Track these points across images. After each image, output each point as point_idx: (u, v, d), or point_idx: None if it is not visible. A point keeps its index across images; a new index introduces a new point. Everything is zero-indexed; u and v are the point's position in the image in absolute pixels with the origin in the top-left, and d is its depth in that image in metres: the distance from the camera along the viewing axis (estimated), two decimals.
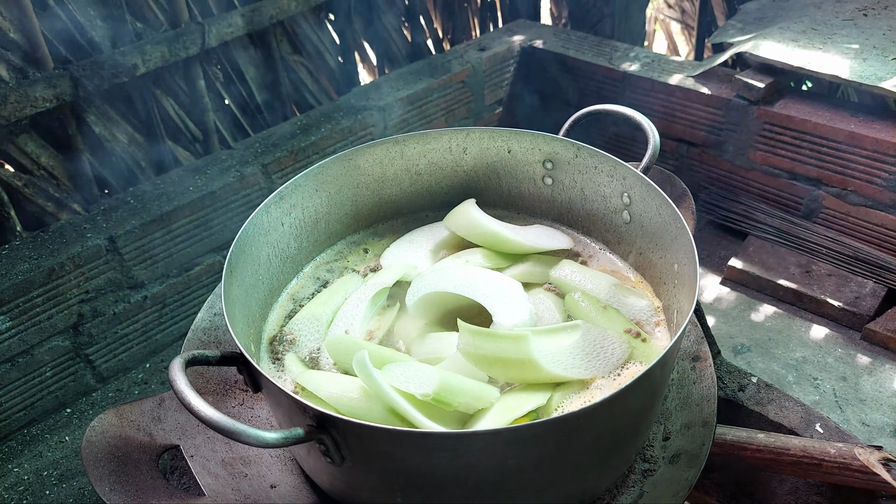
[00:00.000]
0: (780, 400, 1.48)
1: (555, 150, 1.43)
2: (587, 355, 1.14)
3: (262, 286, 1.31)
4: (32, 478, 1.83)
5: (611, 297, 1.30)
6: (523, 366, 1.07)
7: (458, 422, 1.07)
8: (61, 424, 1.97)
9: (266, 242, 1.31)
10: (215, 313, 1.41)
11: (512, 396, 1.07)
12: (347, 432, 0.90)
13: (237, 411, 1.27)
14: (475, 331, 1.09)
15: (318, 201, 1.42)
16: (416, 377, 1.08)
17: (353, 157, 1.44)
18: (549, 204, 1.51)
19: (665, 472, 1.14)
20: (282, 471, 1.20)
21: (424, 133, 1.47)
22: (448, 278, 1.28)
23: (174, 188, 2.10)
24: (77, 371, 1.99)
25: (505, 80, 2.88)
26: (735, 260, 2.27)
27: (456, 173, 1.53)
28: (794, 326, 2.10)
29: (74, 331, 1.94)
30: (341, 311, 1.32)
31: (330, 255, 1.49)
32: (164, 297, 2.09)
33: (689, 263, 1.11)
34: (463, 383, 1.06)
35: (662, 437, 1.21)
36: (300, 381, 1.17)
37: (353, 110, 2.44)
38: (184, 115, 2.46)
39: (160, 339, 2.14)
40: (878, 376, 1.91)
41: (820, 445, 1.33)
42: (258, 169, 2.19)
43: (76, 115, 2.14)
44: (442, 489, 0.96)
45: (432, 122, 2.66)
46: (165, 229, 2.03)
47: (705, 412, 1.20)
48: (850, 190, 2.15)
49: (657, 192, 1.23)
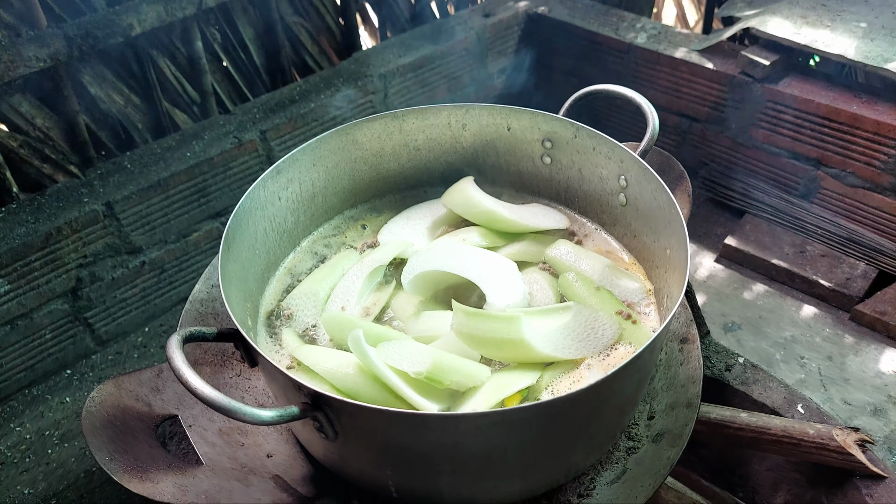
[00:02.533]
0: (764, 380, 1.52)
1: (554, 130, 1.43)
2: (578, 336, 1.16)
3: (260, 261, 1.32)
4: (34, 437, 1.87)
5: (604, 278, 1.31)
6: (515, 346, 1.09)
7: (449, 398, 1.10)
8: (62, 386, 2.00)
9: (263, 217, 1.32)
10: (213, 285, 1.43)
11: (503, 375, 1.09)
12: (340, 411, 0.93)
13: (234, 382, 1.30)
14: (469, 311, 1.11)
15: (316, 175, 1.43)
16: (409, 355, 1.11)
17: (350, 131, 1.44)
18: (546, 183, 1.52)
19: (648, 451, 1.18)
20: (277, 440, 1.23)
21: (423, 108, 1.47)
22: (443, 257, 1.30)
23: (171, 154, 2.10)
24: (76, 334, 2.01)
25: (509, 48, 2.84)
26: (731, 238, 2.28)
27: (455, 149, 1.53)
28: (786, 306, 2.12)
29: (73, 295, 1.96)
30: (338, 288, 1.33)
31: (327, 230, 1.50)
32: (162, 262, 2.10)
33: (680, 249, 1.13)
34: (455, 362, 1.08)
35: (647, 417, 1.24)
36: (297, 355, 1.20)
37: (353, 77, 2.42)
38: (181, 77, 2.43)
39: (159, 303, 2.16)
40: (864, 357, 1.94)
41: (800, 426, 1.37)
42: (256, 136, 2.18)
43: (71, 76, 2.12)
44: (430, 464, 0.99)
45: (434, 91, 2.64)
46: (163, 195, 2.03)
47: (690, 393, 1.23)
48: (849, 171, 2.15)
49: (653, 177, 1.24)
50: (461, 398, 1.09)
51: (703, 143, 2.51)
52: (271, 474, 1.15)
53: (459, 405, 1.08)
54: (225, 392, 1.27)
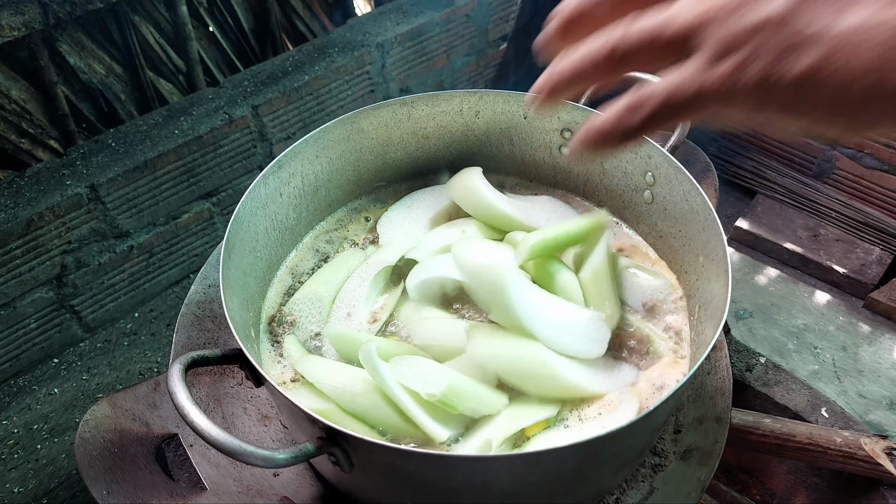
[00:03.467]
0: (786, 382, 1.46)
1: (575, 120, 1.33)
2: (611, 363, 1.09)
3: (261, 263, 1.23)
4: (22, 431, 1.79)
5: (623, 279, 1.24)
6: (538, 370, 1.01)
7: (462, 423, 1.03)
8: (49, 376, 1.92)
9: (264, 216, 1.22)
10: (210, 285, 1.34)
11: (521, 404, 1.02)
12: (359, 447, 0.86)
13: (235, 391, 1.22)
14: (487, 330, 1.03)
15: (319, 168, 1.33)
16: (423, 375, 1.03)
17: (356, 119, 1.33)
18: (564, 175, 1.42)
19: (676, 469, 1.12)
20: None
21: (434, 94, 1.36)
22: (450, 263, 1.22)
23: (158, 131, 1.97)
24: (63, 322, 1.92)
25: (511, 14, 2.71)
26: (742, 220, 2.21)
27: (466, 137, 1.43)
28: (798, 292, 2.07)
29: (58, 282, 1.86)
30: (343, 292, 1.25)
31: (330, 224, 1.41)
32: (151, 246, 2.00)
33: (717, 263, 1.05)
34: (471, 388, 1.01)
35: (673, 430, 1.18)
36: (299, 368, 1.12)
37: (349, 46, 2.29)
38: (165, 43, 2.29)
39: (148, 288, 2.07)
40: (878, 347, 1.90)
41: (826, 433, 1.32)
42: (248, 111, 2.06)
43: (48, 45, 1.98)
44: (455, 498, 0.93)
45: (433, 59, 2.51)
46: (151, 176, 1.91)
47: (719, 407, 1.18)
48: (867, 153, 2.08)
49: (686, 177, 1.15)
50: (474, 425, 1.02)
51: None
52: (279, 496, 1.08)
53: (473, 432, 1.01)
54: (226, 404, 1.21)
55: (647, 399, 1.06)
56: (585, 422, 1.02)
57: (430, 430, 0.99)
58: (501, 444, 0.97)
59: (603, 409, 1.03)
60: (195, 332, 1.26)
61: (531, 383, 1.02)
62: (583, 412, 1.03)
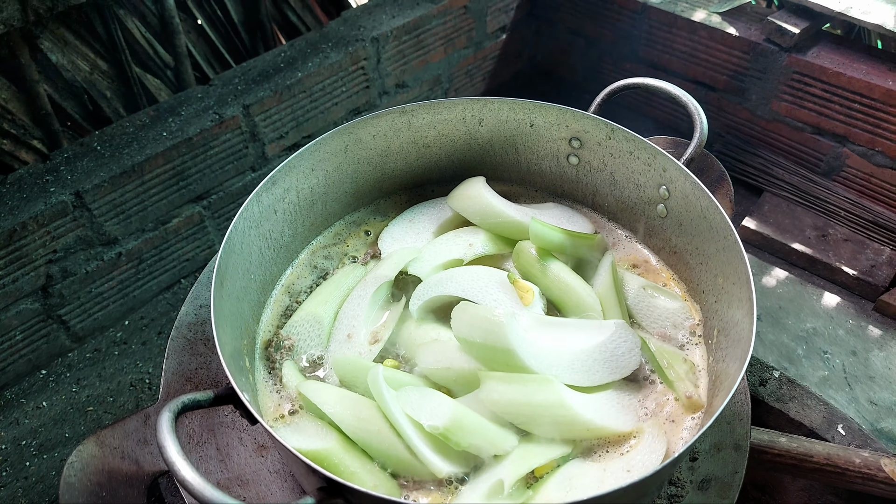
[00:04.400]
0: (801, 398, 1.42)
1: (584, 129, 1.26)
2: (627, 400, 1.04)
3: (255, 285, 1.17)
4: (10, 447, 1.73)
5: (639, 300, 1.18)
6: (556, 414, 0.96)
7: (466, 462, 0.98)
8: (37, 388, 1.85)
9: (258, 235, 1.16)
10: (201, 305, 1.28)
11: (532, 444, 0.97)
12: (364, 500, 0.80)
13: (230, 421, 1.16)
14: (500, 376, 0.98)
15: (315, 181, 1.26)
16: (428, 406, 0.98)
17: (353, 130, 1.26)
18: (572, 184, 1.36)
19: (694, 500, 1.07)
20: (282, 489, 1.11)
21: (436, 102, 1.29)
22: (455, 282, 1.16)
23: (146, 133, 1.89)
24: (50, 333, 1.85)
25: (510, 5, 2.61)
26: (749, 220, 2.16)
27: (469, 146, 1.37)
28: (806, 294, 2.02)
29: (44, 292, 1.79)
30: (342, 312, 1.19)
31: (327, 239, 1.34)
32: (140, 252, 1.93)
33: (741, 288, 0.99)
34: (478, 423, 0.96)
35: (690, 458, 1.13)
36: (302, 389, 1.06)
37: (343, 41, 2.20)
38: (152, 38, 2.19)
39: (138, 295, 2.00)
40: (889, 351, 1.86)
41: (845, 454, 1.28)
42: (239, 111, 1.98)
43: (29, 42, 1.89)
44: None
45: (430, 54, 2.42)
46: (138, 181, 1.84)
47: (737, 433, 1.13)
48: (878, 150, 2.02)
49: (704, 193, 1.09)
50: (484, 466, 0.97)
51: (719, 113, 2.35)
52: None
53: (482, 472, 0.96)
54: (220, 434, 1.15)
55: (668, 432, 1.00)
56: (605, 458, 0.97)
57: (431, 463, 0.94)
58: (513, 486, 0.92)
59: (624, 444, 0.98)
60: (186, 357, 1.20)
61: (551, 429, 0.96)
62: (600, 446, 0.98)
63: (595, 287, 1.18)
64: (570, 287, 1.14)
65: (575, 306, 1.13)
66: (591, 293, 1.14)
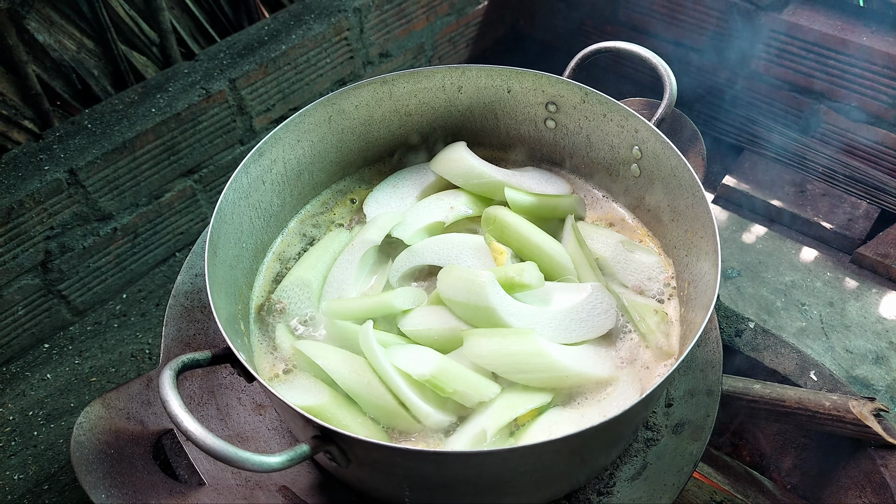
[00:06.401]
0: (775, 346, 1.48)
1: (560, 93, 1.30)
2: (601, 352, 1.10)
3: (247, 253, 1.22)
4: (18, 418, 1.80)
5: (617, 254, 1.24)
6: (536, 363, 1.02)
7: (454, 411, 1.04)
8: (41, 361, 1.91)
9: (248, 205, 1.20)
10: (196, 274, 1.33)
11: (515, 392, 1.03)
12: (354, 445, 0.86)
13: (229, 382, 1.22)
14: (482, 332, 1.04)
15: (301, 152, 1.30)
16: (415, 358, 1.04)
17: (336, 100, 1.30)
18: (550, 148, 1.41)
19: (668, 443, 1.14)
20: (281, 445, 1.17)
21: (415, 71, 1.32)
22: (430, 251, 1.22)
23: (135, 110, 1.92)
24: (51, 307, 1.91)
25: None
26: (729, 178, 2.21)
27: (450, 113, 1.41)
28: (785, 249, 2.08)
29: (43, 268, 1.84)
30: (331, 276, 1.24)
31: (315, 207, 1.39)
32: (135, 226, 1.97)
33: (707, 240, 1.05)
34: (461, 372, 1.02)
35: (665, 404, 1.20)
36: (298, 346, 1.12)
37: (325, 12, 2.21)
38: (136, 15, 2.20)
39: (135, 268, 2.05)
40: (864, 301, 1.93)
41: (815, 397, 1.35)
42: (225, 85, 2.00)
43: (15, 23, 1.90)
44: (451, 489, 0.95)
45: (412, 22, 2.44)
46: (130, 157, 1.87)
47: (710, 380, 1.19)
48: (854, 105, 2.06)
49: (674, 153, 1.14)
50: (469, 414, 1.03)
51: (699, 74, 2.38)
52: (278, 486, 1.10)
53: (467, 422, 1.02)
54: (220, 395, 1.21)
55: (642, 379, 1.07)
56: (584, 405, 1.03)
57: (421, 411, 1.01)
58: (496, 434, 0.98)
59: (601, 392, 1.04)
60: (184, 323, 1.25)
61: (531, 377, 1.02)
62: (579, 394, 1.04)
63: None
64: (539, 247, 1.19)
65: (548, 266, 1.19)
66: (562, 251, 1.19)
